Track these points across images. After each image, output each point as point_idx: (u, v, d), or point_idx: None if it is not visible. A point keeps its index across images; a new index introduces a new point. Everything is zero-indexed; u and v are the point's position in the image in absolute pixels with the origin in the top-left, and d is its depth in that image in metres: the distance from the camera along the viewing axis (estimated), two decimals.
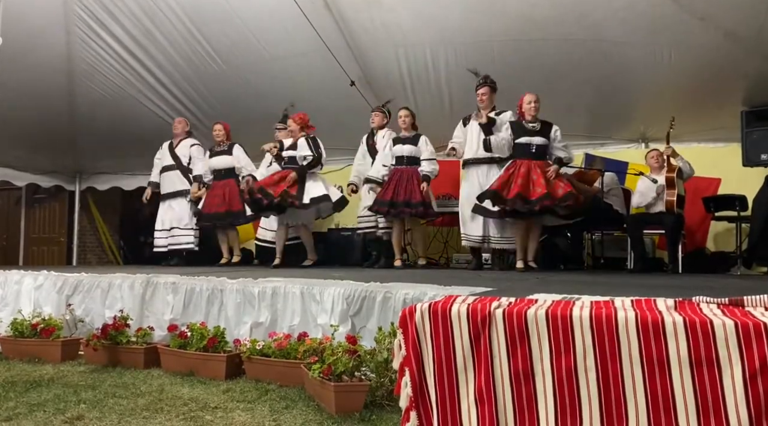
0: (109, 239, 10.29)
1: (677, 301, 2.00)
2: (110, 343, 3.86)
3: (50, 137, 8.08)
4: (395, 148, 5.92)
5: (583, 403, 1.82)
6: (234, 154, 6.72)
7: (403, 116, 5.92)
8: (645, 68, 5.67)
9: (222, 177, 6.72)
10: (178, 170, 6.93)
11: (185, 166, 6.94)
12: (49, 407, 2.81)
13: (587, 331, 1.83)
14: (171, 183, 6.96)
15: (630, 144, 7.19)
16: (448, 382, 2.04)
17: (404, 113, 5.95)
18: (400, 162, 5.88)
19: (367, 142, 6.29)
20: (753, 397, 1.61)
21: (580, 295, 2.30)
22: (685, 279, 4.45)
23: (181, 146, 7.02)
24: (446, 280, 3.57)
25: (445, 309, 2.07)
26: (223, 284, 3.91)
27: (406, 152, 5.85)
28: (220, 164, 6.74)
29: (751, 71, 5.46)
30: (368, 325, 3.27)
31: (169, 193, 6.95)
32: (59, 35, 6.50)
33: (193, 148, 7.00)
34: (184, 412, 2.72)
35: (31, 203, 10.26)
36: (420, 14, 5.65)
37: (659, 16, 5.04)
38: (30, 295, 4.69)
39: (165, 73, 6.98)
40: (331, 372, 2.74)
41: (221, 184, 6.69)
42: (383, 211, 5.76)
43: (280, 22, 5.92)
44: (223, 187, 6.66)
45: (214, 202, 6.61)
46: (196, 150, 6.99)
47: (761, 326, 1.64)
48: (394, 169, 5.89)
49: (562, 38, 5.53)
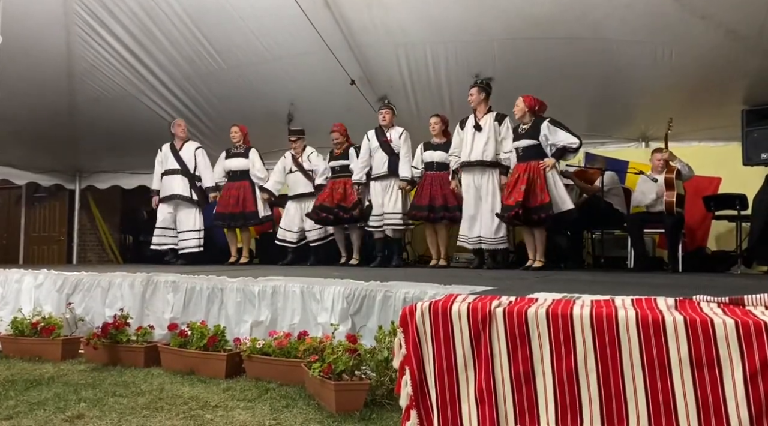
0: (109, 238, 10.30)
1: (678, 300, 2.00)
2: (110, 341, 3.86)
3: (50, 136, 8.09)
4: (425, 153, 6.03)
5: (584, 402, 1.81)
6: (250, 158, 6.83)
7: (433, 123, 6.02)
8: (646, 67, 5.66)
9: (237, 178, 6.84)
10: (184, 176, 6.89)
11: (192, 173, 6.91)
12: (49, 406, 2.81)
13: (588, 330, 1.83)
14: (175, 186, 6.87)
15: (630, 143, 7.19)
16: (449, 381, 2.04)
17: (434, 120, 6.04)
18: (430, 168, 5.98)
19: (379, 139, 6.19)
20: (753, 397, 1.61)
21: (581, 294, 2.29)
22: (686, 278, 4.44)
23: (185, 150, 6.97)
24: (446, 279, 3.57)
25: (445, 308, 2.07)
26: (223, 283, 3.91)
27: (436, 158, 5.95)
28: (235, 166, 6.86)
29: (752, 70, 5.45)
30: (368, 324, 3.27)
31: (172, 195, 6.88)
32: (59, 34, 6.50)
33: (198, 152, 6.98)
34: (185, 411, 2.72)
35: (31, 202, 10.28)
36: (420, 14, 5.64)
37: (660, 15, 5.04)
38: (30, 294, 4.70)
39: (165, 72, 6.98)
40: (332, 371, 2.74)
41: (236, 186, 6.80)
42: (423, 215, 5.85)
43: (280, 21, 5.92)
44: (238, 189, 6.78)
45: (229, 202, 6.74)
46: (201, 154, 6.98)
47: (762, 325, 1.64)
48: (425, 174, 5.99)
49: (562, 37, 5.52)
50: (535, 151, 5.19)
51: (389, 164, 6.11)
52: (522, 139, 5.26)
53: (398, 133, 6.14)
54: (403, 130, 6.18)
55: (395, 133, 6.16)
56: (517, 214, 5.00)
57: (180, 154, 6.94)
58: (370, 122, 6.42)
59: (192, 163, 6.93)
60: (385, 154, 6.14)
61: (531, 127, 5.23)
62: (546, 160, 5.12)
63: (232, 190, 6.79)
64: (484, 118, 5.52)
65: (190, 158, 6.94)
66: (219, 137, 7.38)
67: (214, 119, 7.63)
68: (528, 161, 5.18)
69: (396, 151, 6.10)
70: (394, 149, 6.11)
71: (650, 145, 6.79)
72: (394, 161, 6.09)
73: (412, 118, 6.76)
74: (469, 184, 5.54)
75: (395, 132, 6.17)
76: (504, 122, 5.48)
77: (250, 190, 6.77)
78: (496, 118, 5.49)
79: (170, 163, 6.94)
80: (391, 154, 6.11)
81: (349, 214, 6.22)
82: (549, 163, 5.11)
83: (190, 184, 6.89)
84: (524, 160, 5.21)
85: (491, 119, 5.49)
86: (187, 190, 6.88)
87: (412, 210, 5.97)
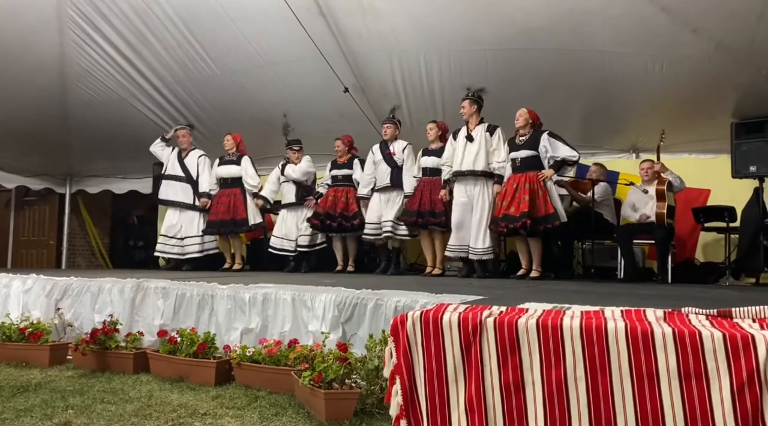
0: (98, 242, 10.25)
1: (666, 312, 2.01)
2: (99, 347, 3.83)
3: (41, 139, 8.05)
4: (422, 159, 6.06)
5: (573, 413, 1.82)
6: (242, 166, 6.85)
7: (428, 129, 6.06)
8: (637, 79, 5.71)
9: (228, 186, 6.85)
10: (188, 183, 6.98)
11: (195, 180, 6.99)
12: (36, 412, 2.79)
13: (577, 341, 1.84)
14: (178, 193, 6.99)
15: (621, 154, 7.23)
16: (439, 391, 2.05)
17: (430, 126, 6.08)
18: (425, 173, 6.02)
19: (383, 152, 6.24)
20: (741, 409, 1.62)
21: (571, 305, 2.31)
22: (675, 289, 4.47)
23: (190, 158, 7.05)
24: (438, 287, 3.57)
25: (436, 318, 2.08)
26: (213, 290, 3.90)
27: (429, 164, 5.98)
28: (227, 173, 6.88)
29: (742, 83, 5.50)
30: (359, 333, 3.26)
31: (174, 201, 6.99)
32: (52, 38, 6.49)
33: (201, 160, 7.04)
34: (173, 419, 2.70)
35: (20, 205, 10.22)
36: (414, 22, 5.68)
37: (651, 27, 5.08)
38: (18, 299, 4.66)
39: (158, 77, 6.98)
40: (322, 379, 2.73)
41: (227, 193, 6.82)
42: (411, 221, 5.87)
43: (274, 27, 5.93)
44: (229, 196, 6.79)
45: (220, 210, 6.76)
46: (203, 161, 7.04)
47: (749, 338, 1.65)
48: (421, 179, 6.02)
49: (555, 48, 5.56)
50: (533, 162, 5.23)
51: (392, 177, 6.15)
52: (521, 149, 5.29)
53: (402, 147, 6.20)
54: (407, 143, 6.22)
55: (398, 146, 6.22)
56: (524, 224, 5.01)
57: (185, 162, 7.02)
58: (363, 129, 6.45)
59: (195, 171, 7.00)
60: (389, 167, 6.18)
61: (530, 138, 5.27)
62: (545, 171, 5.16)
63: (223, 198, 6.81)
64: (476, 129, 5.56)
65: (194, 166, 7.02)
66: (212, 142, 7.37)
67: (206, 124, 7.62)
68: (526, 172, 5.21)
69: (399, 163, 6.15)
70: (397, 162, 6.16)
71: (641, 156, 6.82)
72: (396, 174, 6.14)
73: (404, 125, 6.76)
74: (460, 194, 5.57)
75: (398, 145, 6.22)
76: (495, 133, 5.52)
77: (241, 197, 6.78)
78: (488, 129, 5.53)
79: (175, 170, 7.03)
80: (394, 166, 6.16)
81: (350, 223, 6.30)
82: (548, 174, 5.14)
83: (192, 191, 6.98)
84: (522, 170, 5.24)
85: (483, 130, 5.53)
86: (190, 197, 6.97)
87: (403, 215, 6.01)
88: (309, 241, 6.66)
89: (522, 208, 5.03)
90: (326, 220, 6.34)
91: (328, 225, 6.37)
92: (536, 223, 5.06)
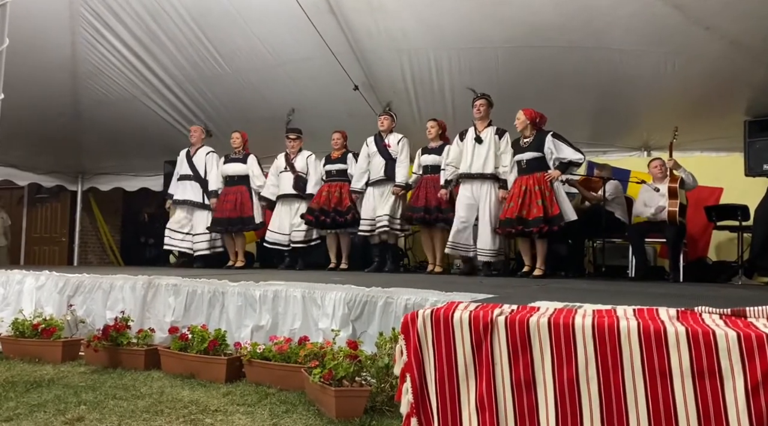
0: (110, 240, 10.32)
1: (679, 311, 2.00)
2: (111, 344, 3.86)
3: (53, 137, 8.11)
4: (422, 157, 6.06)
5: (585, 413, 1.81)
6: (248, 164, 6.90)
7: (429, 127, 6.06)
8: (649, 77, 5.67)
9: (234, 183, 6.88)
10: (196, 181, 7.04)
11: (203, 178, 7.04)
12: (49, 408, 2.81)
13: (589, 340, 1.83)
14: (188, 191, 7.05)
15: (633, 152, 7.20)
16: (450, 389, 2.04)
17: (430, 124, 6.08)
18: (425, 171, 6.01)
19: (378, 144, 6.23)
20: (755, 409, 1.61)
21: (582, 303, 2.29)
22: (687, 288, 4.44)
23: (197, 155, 7.11)
24: (448, 286, 3.56)
25: (447, 316, 2.07)
26: (224, 287, 3.91)
27: (429, 162, 5.98)
28: (233, 171, 6.92)
29: (755, 81, 5.46)
30: (369, 330, 3.27)
31: (184, 200, 7.06)
32: (64, 36, 6.53)
33: (208, 157, 7.10)
34: (184, 415, 2.71)
35: (32, 203, 10.31)
36: (423, 20, 5.66)
37: (664, 25, 5.04)
38: (31, 295, 4.70)
39: (169, 75, 7.00)
40: (332, 377, 2.74)
41: (233, 191, 6.85)
42: (419, 217, 5.84)
43: (284, 26, 5.94)
44: (235, 194, 6.82)
45: (227, 207, 6.77)
46: (211, 158, 7.09)
47: (764, 338, 1.64)
48: (421, 177, 6.02)
49: (566, 45, 5.53)
50: (539, 164, 5.21)
51: (386, 169, 6.14)
52: (525, 151, 5.27)
53: (396, 139, 6.18)
54: (402, 136, 6.21)
55: (393, 138, 6.20)
56: (540, 230, 4.99)
57: (192, 160, 7.08)
58: (373, 128, 6.43)
59: (203, 168, 7.05)
60: (383, 159, 6.17)
61: (534, 140, 5.25)
62: (552, 172, 5.14)
63: (229, 195, 6.83)
64: (485, 130, 5.54)
65: (201, 164, 7.06)
66: (221, 141, 7.40)
67: (217, 122, 7.65)
68: (532, 173, 5.19)
69: (393, 156, 6.13)
70: (391, 154, 6.14)
71: (652, 154, 6.80)
72: (391, 166, 6.13)
73: (414, 123, 6.77)
74: (467, 195, 5.55)
75: (393, 138, 6.21)
76: (504, 137, 5.53)
77: (247, 195, 6.83)
78: (497, 132, 5.53)
79: (184, 169, 7.12)
80: (389, 159, 6.15)
81: (343, 218, 6.25)
82: (555, 175, 5.13)
83: (201, 189, 7.03)
84: (528, 172, 5.23)
85: (492, 133, 5.53)
86: (199, 195, 7.02)
87: (407, 212, 5.98)
88: (303, 237, 6.62)
89: (537, 213, 5.01)
90: (320, 216, 6.29)
91: (321, 221, 6.32)
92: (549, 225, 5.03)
